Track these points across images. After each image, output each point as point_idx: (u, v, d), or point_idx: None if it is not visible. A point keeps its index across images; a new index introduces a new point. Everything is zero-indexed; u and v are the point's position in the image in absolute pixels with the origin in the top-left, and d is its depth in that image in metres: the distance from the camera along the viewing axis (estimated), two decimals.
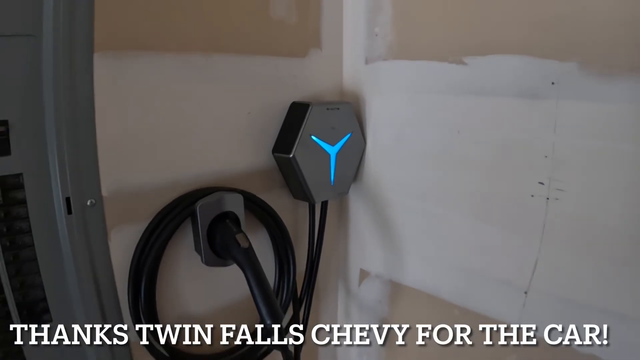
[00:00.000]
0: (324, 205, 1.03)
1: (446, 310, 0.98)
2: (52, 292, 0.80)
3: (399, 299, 1.10)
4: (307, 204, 1.01)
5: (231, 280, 0.96)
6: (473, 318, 0.95)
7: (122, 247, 0.83)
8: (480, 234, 0.93)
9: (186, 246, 0.89)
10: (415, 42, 0.97)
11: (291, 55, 0.99)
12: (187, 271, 0.91)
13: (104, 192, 0.78)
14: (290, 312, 1.06)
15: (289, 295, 0.99)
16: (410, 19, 0.97)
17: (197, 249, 0.86)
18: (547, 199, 0.82)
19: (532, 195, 0.83)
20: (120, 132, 0.79)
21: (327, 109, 0.95)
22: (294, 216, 1.05)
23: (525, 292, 0.86)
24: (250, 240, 0.84)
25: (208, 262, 0.85)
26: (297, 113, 0.95)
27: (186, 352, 0.92)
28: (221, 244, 0.83)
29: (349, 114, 1.00)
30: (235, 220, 0.85)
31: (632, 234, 0.75)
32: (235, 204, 0.86)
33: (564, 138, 0.80)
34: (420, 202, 1.02)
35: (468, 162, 0.93)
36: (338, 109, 0.97)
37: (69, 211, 0.77)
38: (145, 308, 0.84)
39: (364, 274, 1.16)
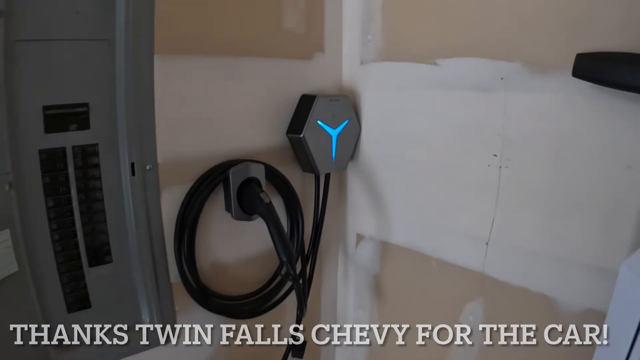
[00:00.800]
0: (327, 177, 1.14)
1: (426, 263, 1.07)
2: (114, 238, 0.91)
3: (388, 257, 1.19)
4: (313, 176, 1.12)
5: (253, 235, 1.07)
6: (447, 267, 1.03)
7: (170, 203, 0.94)
8: (450, 197, 1.02)
9: (218, 207, 1.00)
10: (399, 47, 1.07)
11: (300, 58, 1.09)
12: (219, 226, 1.02)
13: (159, 160, 0.90)
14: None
15: (298, 252, 1.09)
16: (395, 29, 1.07)
17: (228, 207, 0.99)
18: (500, 167, 0.92)
19: (489, 165, 0.93)
20: (172, 115, 0.91)
21: (330, 100, 1.06)
22: (302, 186, 1.14)
23: (486, 243, 0.95)
24: None
25: (237, 217, 0.97)
26: (306, 103, 1.06)
27: (216, 292, 1.03)
28: (248, 201, 0.95)
29: (346, 105, 1.10)
30: (258, 184, 0.97)
31: (563, 192, 0.85)
32: (258, 172, 0.98)
33: (511, 121, 0.89)
34: (403, 175, 1.11)
35: (439, 142, 1.02)
36: (338, 100, 1.08)
37: (133, 173, 0.88)
38: (187, 254, 0.95)
39: (359, 238, 1.24)
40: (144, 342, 0.97)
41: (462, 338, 1.04)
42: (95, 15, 0.83)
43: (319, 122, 1.05)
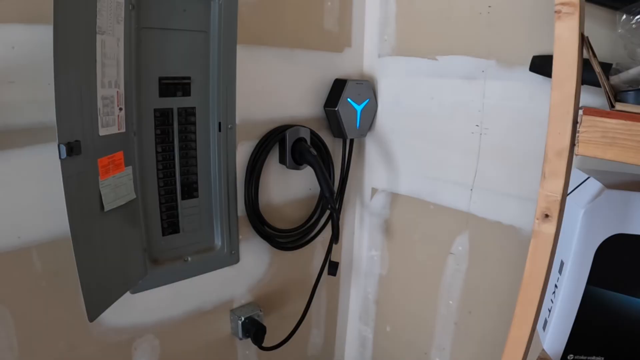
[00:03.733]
0: (351, 142, 1.27)
1: (425, 207, 1.21)
2: (202, 179, 1.03)
3: (396, 204, 1.30)
4: (341, 140, 1.26)
5: (297, 183, 1.23)
6: (441, 209, 1.17)
7: (243, 154, 1.09)
8: (444, 156, 1.14)
9: (274, 160, 1.16)
10: (408, 46, 1.18)
11: (334, 51, 1.22)
12: (275, 173, 1.18)
13: (237, 121, 1.04)
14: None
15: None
16: (406, 33, 1.19)
17: (282, 160, 1.15)
18: (480, 134, 1.05)
19: (472, 132, 1.06)
20: (247, 89, 1.04)
21: (356, 83, 1.20)
22: (332, 148, 1.27)
23: (471, 189, 1.09)
24: None
25: (290, 166, 1.13)
26: (339, 84, 1.20)
27: (271, 225, 1.18)
28: (299, 154, 1.11)
29: (368, 87, 1.23)
30: (306, 142, 1.13)
31: (523, 150, 0.97)
32: (306, 134, 1.14)
33: (489, 100, 1.02)
34: (408, 140, 1.23)
35: (436, 115, 1.13)
36: (362, 84, 1.21)
37: (219, 130, 1.01)
38: (253, 194, 1.11)
39: (374, 191, 1.35)
40: (216, 262, 1.09)
41: (452, 264, 1.17)
42: (198, 12, 0.93)
43: (349, 99, 1.19)
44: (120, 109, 0.83)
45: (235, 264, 1.15)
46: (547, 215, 0.57)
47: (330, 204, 1.08)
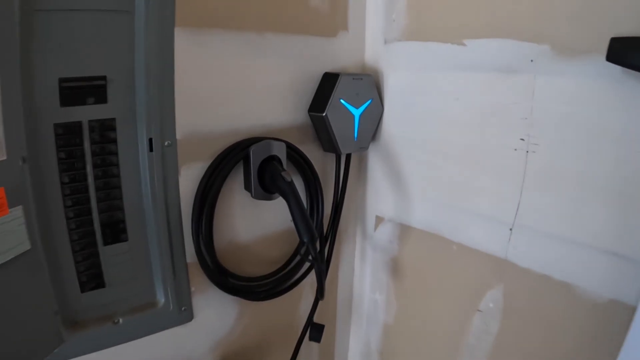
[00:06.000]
0: (348, 157, 1.08)
1: (446, 246, 1.03)
2: (131, 216, 0.87)
3: (407, 239, 1.15)
4: (334, 156, 1.07)
5: (271, 214, 1.05)
6: (468, 251, 1.00)
7: (188, 181, 0.90)
8: (473, 180, 0.98)
9: (238, 185, 0.96)
10: (424, 26, 1.02)
11: (324, 35, 1.04)
12: (238, 204, 0.98)
13: (178, 136, 0.86)
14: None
15: (317, 231, 1.04)
16: (421, 7, 1.02)
17: (247, 186, 0.94)
18: (527, 152, 0.88)
19: (515, 149, 0.89)
20: (192, 90, 0.87)
21: (353, 78, 1.01)
22: (322, 166, 1.10)
23: (510, 228, 0.91)
24: None
25: (257, 196, 0.92)
26: (328, 81, 1.01)
27: (233, 272, 0.99)
28: (269, 179, 0.90)
29: (370, 84, 1.05)
30: (279, 162, 0.92)
31: (591, 178, 0.81)
32: (279, 150, 0.93)
33: (540, 103, 0.86)
34: (425, 156, 1.07)
35: (464, 122, 0.97)
36: (361, 79, 1.03)
37: (151, 149, 0.84)
38: (205, 233, 0.91)
39: (379, 220, 1.21)
40: (159, 322, 0.95)
41: (479, 324, 1.01)
42: None
43: (342, 100, 1.00)
44: None
45: (189, 322, 0.98)
46: None
47: (310, 253, 0.86)
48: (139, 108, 0.84)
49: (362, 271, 1.29)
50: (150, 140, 0.84)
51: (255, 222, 1.04)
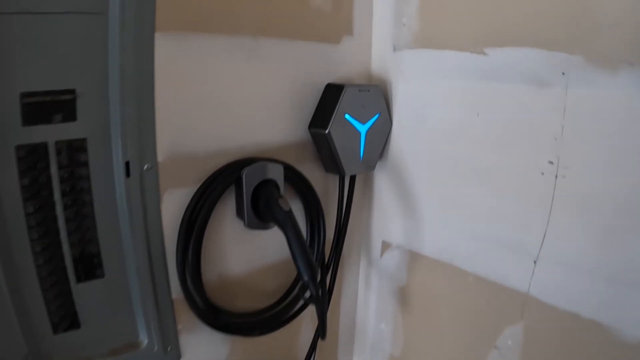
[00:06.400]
0: (352, 178, 1.02)
1: (460, 278, 0.98)
2: (106, 249, 0.82)
3: (417, 269, 1.09)
4: (336, 177, 1.01)
5: (267, 244, 0.98)
6: (486, 284, 0.94)
7: (172, 209, 0.83)
8: (493, 206, 0.93)
9: (229, 212, 0.90)
10: (439, 32, 0.97)
11: (326, 41, 0.99)
12: (229, 234, 0.92)
13: (160, 158, 0.80)
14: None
15: (318, 261, 0.99)
16: (435, 11, 0.97)
17: (240, 214, 0.87)
18: (556, 176, 0.83)
19: (542, 173, 0.84)
20: (176, 104, 0.81)
21: (359, 90, 0.94)
22: (324, 188, 1.04)
23: (534, 261, 0.86)
24: None
25: (250, 225, 0.85)
26: (332, 93, 0.95)
27: (224, 308, 0.93)
28: (264, 207, 0.84)
29: (378, 96, 0.99)
30: (276, 187, 0.85)
31: (629, 208, 0.77)
32: (276, 173, 0.87)
33: (572, 121, 0.80)
34: (438, 176, 1.02)
35: (485, 141, 0.92)
36: (368, 91, 0.96)
37: (128, 174, 0.78)
38: (192, 266, 0.85)
39: (385, 246, 1.15)
40: None
41: None
42: None
43: (347, 116, 0.94)
44: None
45: None
46: None
47: (311, 291, 0.78)
48: (113, 126, 0.78)
49: (366, 299, 1.24)
50: (127, 163, 0.79)
51: (248, 253, 0.98)
